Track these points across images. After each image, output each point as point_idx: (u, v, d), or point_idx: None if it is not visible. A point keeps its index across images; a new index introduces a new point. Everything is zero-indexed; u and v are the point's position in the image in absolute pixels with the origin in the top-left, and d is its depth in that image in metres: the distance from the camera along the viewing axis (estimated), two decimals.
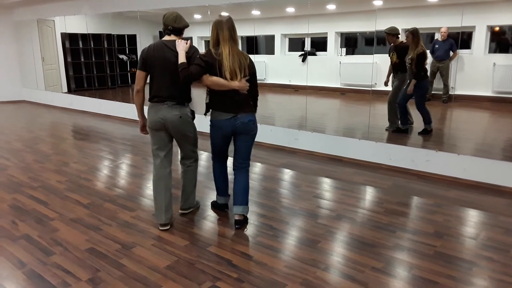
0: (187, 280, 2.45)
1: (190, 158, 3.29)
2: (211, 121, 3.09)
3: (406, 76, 5.36)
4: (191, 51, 3.00)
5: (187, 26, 3.11)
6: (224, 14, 3.16)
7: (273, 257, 2.71)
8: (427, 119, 5.35)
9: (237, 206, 3.15)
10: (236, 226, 3.14)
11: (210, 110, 3.09)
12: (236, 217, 3.16)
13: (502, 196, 3.82)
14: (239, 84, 2.91)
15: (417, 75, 5.14)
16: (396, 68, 5.50)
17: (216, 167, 3.33)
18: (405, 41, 5.30)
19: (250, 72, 2.99)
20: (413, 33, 5.12)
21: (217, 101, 3.01)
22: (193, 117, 3.17)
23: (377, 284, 2.40)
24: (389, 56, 5.59)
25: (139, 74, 3.08)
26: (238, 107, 2.99)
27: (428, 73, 6.48)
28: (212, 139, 3.17)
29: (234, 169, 3.19)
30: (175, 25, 3.04)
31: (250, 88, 3.00)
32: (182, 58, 2.90)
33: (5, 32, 9.95)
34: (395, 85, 5.56)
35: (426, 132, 5.36)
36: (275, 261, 2.67)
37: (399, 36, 5.42)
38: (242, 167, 3.17)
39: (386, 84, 5.76)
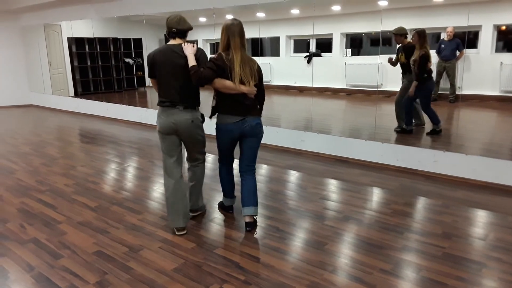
0: (194, 283, 2.45)
1: (198, 160, 3.30)
2: (217, 125, 3.10)
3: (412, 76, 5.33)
4: (198, 53, 2.99)
5: (190, 28, 3.09)
6: (229, 16, 3.16)
7: (280, 259, 2.70)
8: (434, 120, 5.32)
9: (247, 207, 3.13)
10: (247, 229, 3.14)
11: (216, 113, 3.11)
12: (247, 219, 3.15)
13: (511, 196, 3.78)
14: (248, 88, 2.96)
15: (419, 77, 5.10)
16: (404, 69, 5.46)
17: (223, 170, 3.35)
18: (412, 41, 5.27)
19: (258, 77, 3.06)
20: (419, 34, 5.08)
21: (226, 104, 3.02)
22: (203, 121, 3.16)
23: (386, 286, 2.39)
24: (397, 56, 5.56)
25: (152, 81, 3.15)
26: (246, 110, 3.02)
27: (434, 73, 6.45)
28: (219, 143, 3.18)
29: (241, 172, 3.20)
30: (179, 27, 3.02)
31: (257, 93, 3.05)
32: (192, 61, 2.91)
33: (12, 37, 10.05)
34: (403, 85, 5.52)
35: (434, 133, 5.33)
36: (282, 263, 2.66)
37: (407, 36, 5.37)
38: (250, 170, 3.19)
39: (390, 60, 5.61)
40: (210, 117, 3.15)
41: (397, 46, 5.57)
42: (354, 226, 3.18)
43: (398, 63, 5.55)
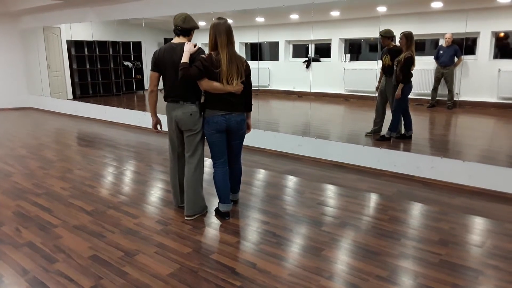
0: None
1: (196, 156, 3.36)
2: (205, 118, 3.28)
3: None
4: (195, 54, 3.16)
5: (195, 27, 3.32)
6: (229, 21, 3.21)
7: (277, 265, 2.69)
8: (394, 126, 5.25)
9: (233, 194, 3.66)
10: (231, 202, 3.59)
11: (205, 109, 3.27)
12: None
13: (508, 203, 3.78)
14: (234, 87, 3.12)
15: (404, 79, 5.07)
16: (387, 71, 5.41)
17: (218, 172, 3.38)
18: (399, 44, 5.22)
19: (246, 75, 3.23)
20: (407, 37, 5.05)
21: (213, 101, 3.20)
22: (201, 114, 3.34)
23: None
24: (381, 59, 5.53)
25: (152, 75, 3.32)
26: (232, 106, 3.21)
27: (432, 79, 6.46)
28: (208, 137, 3.30)
29: (228, 166, 3.50)
30: (183, 26, 3.23)
31: (244, 89, 3.22)
32: (185, 58, 3.09)
33: (11, 40, 10.05)
34: (389, 92, 5.45)
35: (384, 139, 5.28)
36: (279, 269, 2.65)
37: (393, 39, 5.37)
38: (236, 163, 3.53)
39: (377, 89, 5.69)
40: (200, 114, 3.32)
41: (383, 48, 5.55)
42: (351, 232, 3.18)
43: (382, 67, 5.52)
